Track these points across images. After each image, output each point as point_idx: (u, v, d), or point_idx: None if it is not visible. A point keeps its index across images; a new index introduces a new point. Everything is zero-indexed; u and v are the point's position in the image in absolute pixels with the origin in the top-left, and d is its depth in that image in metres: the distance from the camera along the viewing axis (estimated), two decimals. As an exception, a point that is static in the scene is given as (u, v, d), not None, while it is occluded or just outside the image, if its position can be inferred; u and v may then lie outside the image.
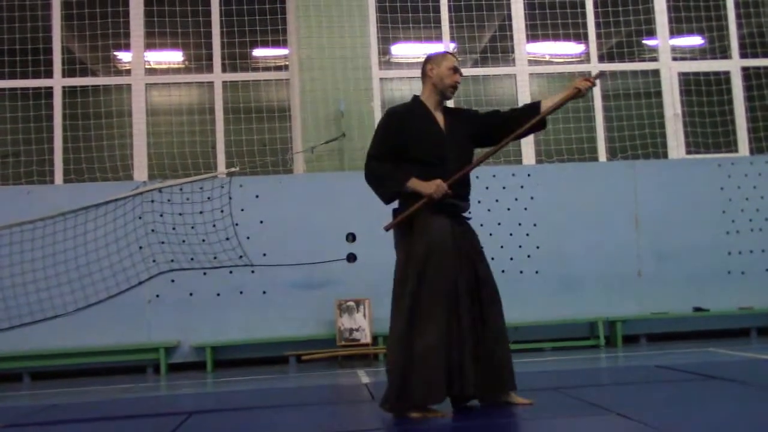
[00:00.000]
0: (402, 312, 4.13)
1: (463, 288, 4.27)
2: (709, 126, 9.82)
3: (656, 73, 9.98)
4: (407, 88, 9.71)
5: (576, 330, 8.94)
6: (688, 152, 9.76)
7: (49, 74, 9.30)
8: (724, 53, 10.02)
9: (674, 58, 10.00)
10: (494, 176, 9.06)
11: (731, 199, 9.26)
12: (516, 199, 9.05)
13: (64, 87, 9.32)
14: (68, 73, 9.38)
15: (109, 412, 5.29)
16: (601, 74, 4.66)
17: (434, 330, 4.07)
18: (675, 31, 10.03)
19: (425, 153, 4.29)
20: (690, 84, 9.90)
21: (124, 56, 9.67)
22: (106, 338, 8.44)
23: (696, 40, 10.28)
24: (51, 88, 9.28)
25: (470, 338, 4.20)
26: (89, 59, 9.66)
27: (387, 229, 4.37)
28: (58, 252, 8.48)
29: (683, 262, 9.03)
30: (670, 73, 9.90)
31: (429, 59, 4.53)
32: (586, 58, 9.97)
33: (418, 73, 10.12)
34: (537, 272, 8.93)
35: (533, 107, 4.53)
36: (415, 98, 4.52)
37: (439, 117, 4.44)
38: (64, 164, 9.16)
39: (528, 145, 9.61)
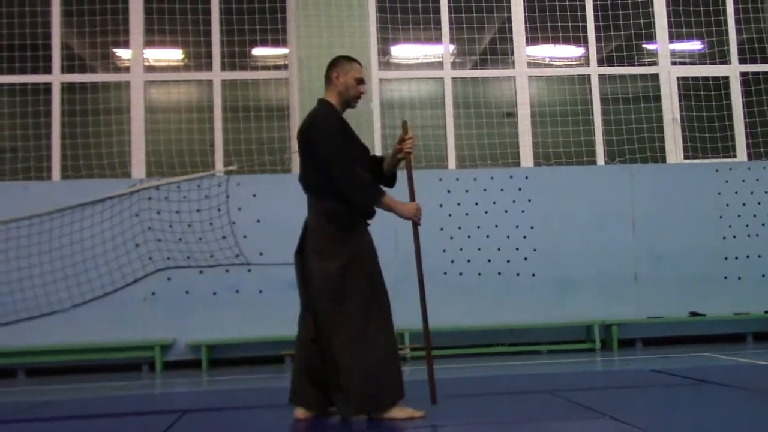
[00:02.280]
0: (357, 315, 4.08)
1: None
2: (707, 131, 9.83)
3: (655, 77, 9.99)
4: (406, 88, 9.72)
5: (572, 333, 8.94)
6: (686, 157, 9.77)
7: (47, 70, 9.29)
8: (724, 58, 10.03)
9: (673, 63, 10.01)
10: (492, 178, 9.06)
11: (728, 204, 9.27)
12: (513, 202, 9.05)
13: (62, 83, 9.30)
14: (67, 69, 9.36)
15: (103, 410, 5.28)
16: (405, 122, 4.61)
17: (391, 329, 4.19)
18: (674, 36, 10.04)
19: (359, 161, 4.30)
20: (689, 89, 9.91)
21: (123, 53, 9.66)
22: (102, 335, 8.43)
23: (695, 45, 10.29)
24: (50, 84, 9.27)
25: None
26: (88, 55, 9.65)
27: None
28: (55, 248, 8.47)
29: (680, 267, 9.04)
30: (669, 78, 9.91)
31: (335, 64, 4.38)
32: (585, 61, 9.98)
33: (417, 74, 10.09)
34: (534, 275, 8.94)
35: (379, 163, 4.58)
36: (329, 103, 4.36)
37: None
38: (61, 160, 9.14)
39: (526, 147, 9.61)
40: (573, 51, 10.13)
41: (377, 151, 9.34)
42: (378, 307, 4.17)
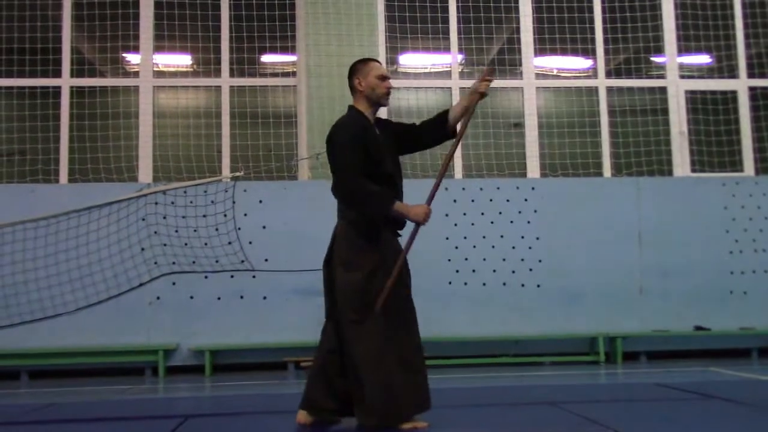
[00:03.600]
0: (379, 327, 4.07)
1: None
2: (714, 145, 9.82)
3: (663, 90, 9.98)
4: (414, 97, 9.73)
5: (576, 345, 8.91)
6: (693, 170, 9.75)
7: (57, 74, 9.33)
8: (732, 72, 10.02)
9: (682, 76, 10.01)
10: (498, 188, 9.05)
11: (735, 218, 9.24)
12: (519, 212, 9.03)
13: (72, 87, 9.34)
14: (76, 73, 9.40)
15: (105, 413, 5.28)
16: (493, 69, 4.53)
17: (414, 340, 4.18)
18: (683, 49, 10.04)
19: (380, 168, 4.21)
20: (697, 102, 9.90)
21: (132, 58, 9.70)
22: (106, 339, 8.43)
23: (704, 59, 10.29)
24: (59, 87, 9.31)
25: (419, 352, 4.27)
26: (98, 60, 9.69)
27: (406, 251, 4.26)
28: (61, 251, 8.48)
29: (685, 281, 9.00)
30: (677, 91, 9.90)
31: (353, 71, 4.37)
32: (593, 73, 9.98)
33: (425, 83, 10.11)
34: (538, 286, 8.92)
35: (442, 118, 4.45)
36: (355, 109, 4.34)
37: (377, 130, 4.35)
38: (69, 164, 9.18)
39: (532, 158, 9.61)
40: (581, 63, 10.13)
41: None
42: (401, 319, 4.15)
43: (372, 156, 4.18)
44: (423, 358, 4.23)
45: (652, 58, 10.24)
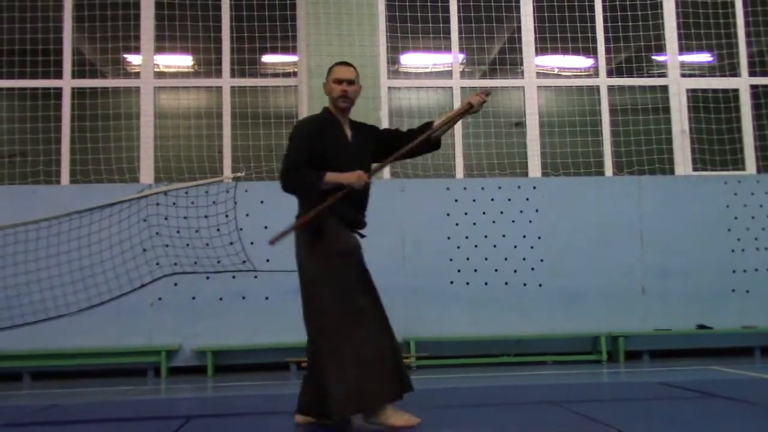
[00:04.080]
0: (328, 321, 4.10)
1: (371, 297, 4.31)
2: (716, 143, 9.81)
3: (665, 89, 9.97)
4: (415, 97, 9.73)
5: (578, 344, 8.90)
6: (695, 169, 9.74)
7: (58, 75, 9.33)
8: (733, 71, 10.01)
9: (683, 75, 10.00)
10: (500, 188, 9.05)
11: (737, 217, 9.23)
12: (521, 212, 9.03)
13: (73, 88, 9.34)
14: (78, 74, 9.41)
15: (108, 414, 5.29)
16: (490, 92, 4.58)
17: (372, 330, 4.14)
18: (684, 48, 10.03)
19: (335, 162, 4.25)
20: (698, 101, 9.89)
21: (133, 59, 9.71)
22: (108, 340, 8.43)
23: (705, 57, 10.28)
24: (60, 88, 9.31)
25: (390, 341, 4.29)
26: (99, 61, 9.70)
27: (294, 229, 4.30)
28: (62, 252, 8.48)
29: (687, 279, 9.00)
30: (678, 90, 9.89)
31: (326, 74, 4.49)
32: (594, 72, 9.98)
33: (426, 83, 10.12)
34: (540, 285, 8.91)
35: (427, 125, 4.52)
36: (325, 109, 4.48)
37: (347, 129, 4.44)
38: (70, 165, 9.18)
39: (534, 157, 9.60)
40: (582, 62, 10.13)
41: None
42: (353, 310, 4.12)
43: (325, 152, 4.26)
44: (387, 350, 4.19)
45: (654, 57, 10.23)
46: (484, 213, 8.99)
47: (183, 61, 9.95)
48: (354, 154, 4.36)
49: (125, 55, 9.72)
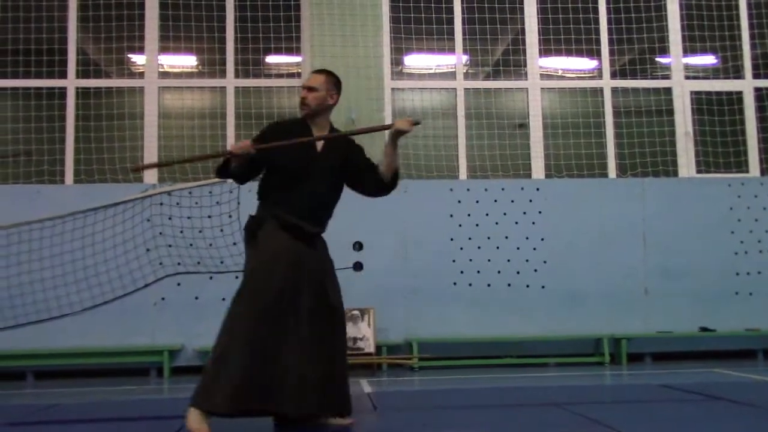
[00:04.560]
0: (227, 322, 4.12)
1: (306, 307, 4.12)
2: (720, 145, 9.79)
3: (668, 91, 9.96)
4: (418, 98, 9.73)
5: (581, 346, 8.90)
6: (699, 171, 9.72)
7: (63, 75, 9.36)
8: (738, 73, 10.00)
9: (687, 77, 9.99)
10: (503, 189, 9.05)
11: (740, 219, 9.22)
12: (524, 213, 9.03)
13: (77, 88, 9.36)
14: (82, 74, 9.42)
15: (111, 414, 5.29)
16: (419, 122, 4.51)
17: (249, 340, 4.01)
18: (688, 50, 10.02)
19: (289, 163, 4.21)
20: (702, 103, 9.88)
21: (137, 59, 9.72)
22: (111, 339, 8.45)
23: (709, 59, 10.27)
24: (64, 88, 9.33)
25: (301, 357, 4.05)
26: (103, 61, 9.71)
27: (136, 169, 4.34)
28: (66, 252, 8.50)
29: (690, 282, 8.99)
30: (682, 92, 9.89)
31: None
32: (598, 74, 9.97)
33: (429, 84, 10.13)
34: (543, 287, 8.91)
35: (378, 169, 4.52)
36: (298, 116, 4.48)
37: (319, 135, 4.34)
38: (75, 164, 9.19)
39: (537, 159, 9.60)
40: (586, 63, 10.12)
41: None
42: (249, 317, 4.04)
43: (282, 154, 4.20)
44: (287, 368, 4.02)
45: (657, 59, 10.23)
46: (487, 214, 8.99)
47: (187, 61, 9.97)
48: (316, 161, 4.29)
49: (129, 55, 9.74)
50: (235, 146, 4.13)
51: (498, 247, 8.90)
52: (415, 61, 10.03)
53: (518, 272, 8.91)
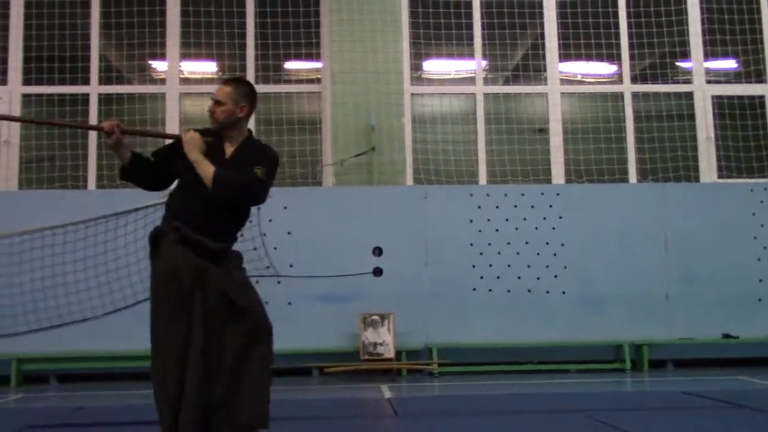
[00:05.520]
0: (153, 338, 4.00)
1: (203, 319, 3.90)
2: (742, 150, 9.71)
3: (689, 95, 9.90)
4: (438, 103, 9.74)
5: (601, 353, 8.84)
6: (720, 176, 9.65)
7: (86, 81, 9.46)
8: (759, 77, 9.91)
9: (708, 81, 9.92)
10: (523, 195, 9.02)
11: (763, 224, 9.13)
12: (544, 218, 9.00)
13: (100, 94, 9.47)
14: (104, 80, 9.53)
15: (133, 417, 5.33)
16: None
17: (167, 357, 3.91)
18: (709, 54, 9.95)
19: (188, 172, 4.03)
20: (724, 107, 9.81)
21: (159, 65, 9.81)
22: (133, 343, 8.46)
23: (730, 64, 10.19)
24: (87, 95, 9.44)
25: (202, 377, 3.89)
26: (125, 68, 9.81)
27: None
28: (89, 256, 8.56)
29: (712, 288, 8.90)
30: (703, 96, 9.82)
31: None
32: (618, 78, 9.93)
33: (449, 89, 10.12)
34: (564, 292, 8.87)
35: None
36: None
37: (228, 146, 4.13)
38: (97, 170, 9.30)
39: (557, 164, 9.57)
40: (606, 68, 10.08)
41: (408, 165, 9.36)
42: (162, 336, 3.96)
43: (179, 160, 4.12)
44: (182, 385, 3.88)
45: (678, 63, 10.17)
46: (507, 220, 8.97)
47: (208, 67, 10.04)
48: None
49: (151, 62, 9.83)
50: (107, 122, 4.08)
51: (518, 253, 8.87)
52: (434, 66, 10.03)
53: (538, 278, 8.88)
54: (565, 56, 9.87)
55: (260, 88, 9.53)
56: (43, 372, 8.42)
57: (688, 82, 9.96)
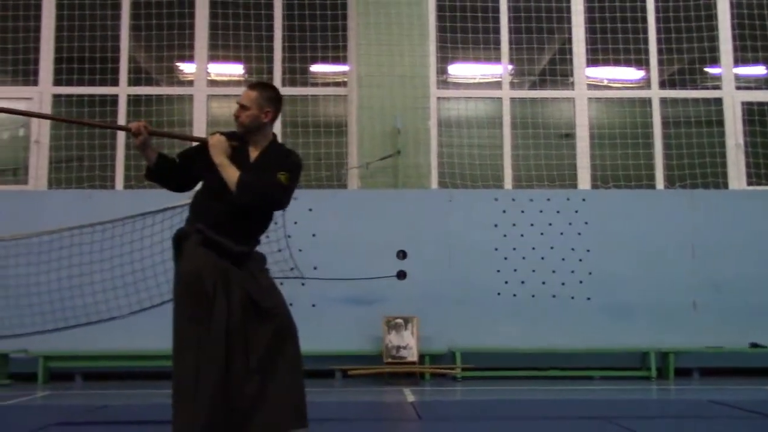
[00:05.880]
0: (175, 339, 3.85)
1: (228, 320, 3.83)
2: (772, 157, 9.59)
3: (719, 101, 9.79)
4: (464, 107, 9.72)
5: (627, 360, 8.76)
6: (750, 183, 9.53)
7: (114, 82, 9.58)
8: (790, 84, 9.80)
9: (738, 87, 9.80)
10: (548, 200, 8.98)
11: (793, 232, 9.00)
12: (570, 224, 8.94)
13: (128, 95, 9.58)
14: (133, 82, 9.63)
15: (156, 416, 5.35)
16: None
17: (187, 358, 3.77)
18: (739, 60, 9.84)
19: (213, 175, 4.03)
20: (753, 114, 9.69)
21: (187, 67, 9.90)
22: (158, 343, 8.50)
23: (760, 70, 10.07)
24: (116, 96, 9.55)
25: (245, 375, 3.82)
26: (154, 69, 9.91)
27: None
28: (116, 256, 8.65)
29: (740, 296, 8.79)
30: (732, 102, 9.71)
31: None
32: (646, 84, 9.85)
33: (475, 93, 10.10)
34: (589, 299, 8.80)
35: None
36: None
37: (252, 150, 4.15)
38: (125, 170, 9.39)
39: (583, 169, 9.51)
40: (634, 73, 10.01)
41: (433, 169, 9.34)
42: (187, 337, 3.82)
43: (203, 163, 4.15)
44: (214, 387, 3.76)
45: (707, 69, 10.06)
46: (532, 225, 8.92)
47: (235, 69, 10.11)
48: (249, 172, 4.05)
49: (179, 64, 9.92)
50: (134, 123, 4.09)
51: (543, 258, 8.82)
52: (460, 70, 10.02)
53: (563, 283, 8.82)
54: (592, 61, 9.81)
55: (287, 91, 9.63)
56: (69, 370, 8.51)
57: (717, 88, 9.86)
